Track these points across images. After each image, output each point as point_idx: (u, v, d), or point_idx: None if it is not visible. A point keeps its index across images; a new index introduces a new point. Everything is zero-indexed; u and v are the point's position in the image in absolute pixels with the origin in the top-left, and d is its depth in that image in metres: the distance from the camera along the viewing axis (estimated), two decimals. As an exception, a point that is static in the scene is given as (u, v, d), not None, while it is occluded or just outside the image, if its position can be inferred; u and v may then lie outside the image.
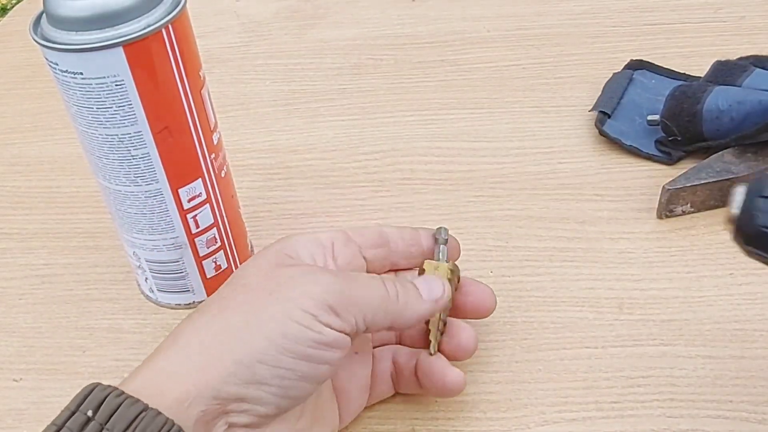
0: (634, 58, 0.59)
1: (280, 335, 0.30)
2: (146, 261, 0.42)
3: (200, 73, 0.39)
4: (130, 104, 0.35)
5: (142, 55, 0.34)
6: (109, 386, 0.28)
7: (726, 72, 0.53)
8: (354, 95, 0.62)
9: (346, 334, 0.31)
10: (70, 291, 0.47)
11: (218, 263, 0.43)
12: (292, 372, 0.30)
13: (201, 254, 0.42)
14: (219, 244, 0.43)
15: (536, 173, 0.52)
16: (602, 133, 0.53)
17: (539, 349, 0.40)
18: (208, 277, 0.43)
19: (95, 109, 0.36)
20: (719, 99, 0.48)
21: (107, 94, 0.35)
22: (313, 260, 0.35)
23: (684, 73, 0.57)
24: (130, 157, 0.37)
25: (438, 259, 0.38)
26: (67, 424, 0.26)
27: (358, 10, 0.73)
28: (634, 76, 0.57)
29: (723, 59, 0.54)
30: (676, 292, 0.42)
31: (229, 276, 0.44)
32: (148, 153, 0.37)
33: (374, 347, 0.38)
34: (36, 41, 0.35)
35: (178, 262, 0.42)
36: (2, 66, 0.71)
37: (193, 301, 0.44)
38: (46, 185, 0.56)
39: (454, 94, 0.61)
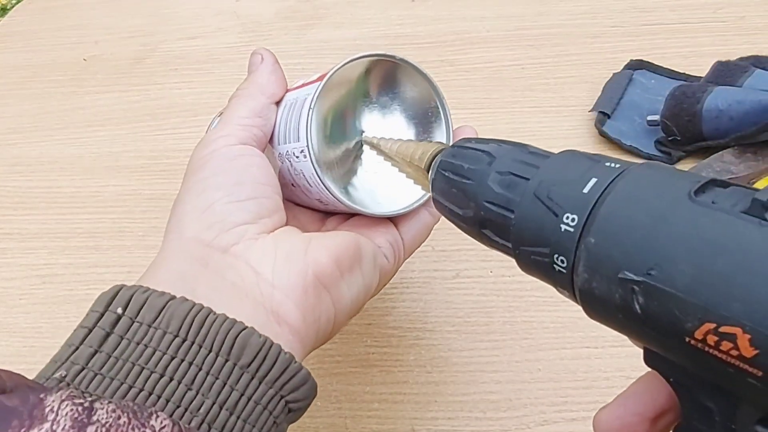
0: (634, 58, 0.59)
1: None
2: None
3: None
4: None
5: None
6: (134, 285, 0.28)
7: (726, 73, 0.53)
8: (354, 95, 0.62)
9: None
10: (71, 291, 0.47)
11: (218, 263, 0.43)
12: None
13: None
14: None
15: (536, 173, 0.52)
16: (602, 134, 0.53)
17: (539, 349, 0.40)
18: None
19: None
20: (719, 99, 0.48)
21: None
22: None
23: (684, 73, 0.57)
24: None
25: None
26: (99, 324, 0.27)
27: (358, 10, 0.73)
28: (634, 76, 0.57)
29: (723, 60, 0.54)
30: (676, 292, 0.42)
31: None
32: None
33: None
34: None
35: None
36: (2, 66, 0.71)
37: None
38: (47, 185, 0.56)
39: (454, 94, 0.60)
